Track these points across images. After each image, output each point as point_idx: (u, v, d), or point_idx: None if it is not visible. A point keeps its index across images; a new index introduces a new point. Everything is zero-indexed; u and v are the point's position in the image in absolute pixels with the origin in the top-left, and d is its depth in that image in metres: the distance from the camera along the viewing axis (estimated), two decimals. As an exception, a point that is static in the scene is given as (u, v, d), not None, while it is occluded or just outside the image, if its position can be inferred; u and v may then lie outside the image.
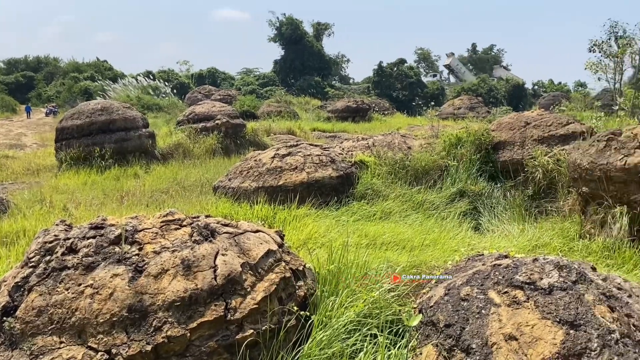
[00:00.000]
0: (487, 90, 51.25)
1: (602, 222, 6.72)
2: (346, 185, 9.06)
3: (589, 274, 3.04)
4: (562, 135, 9.32)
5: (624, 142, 6.77)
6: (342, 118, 28.75)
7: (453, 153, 10.10)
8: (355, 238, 6.42)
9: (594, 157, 6.88)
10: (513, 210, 8.44)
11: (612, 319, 2.65)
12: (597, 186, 6.77)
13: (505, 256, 3.64)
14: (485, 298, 3.03)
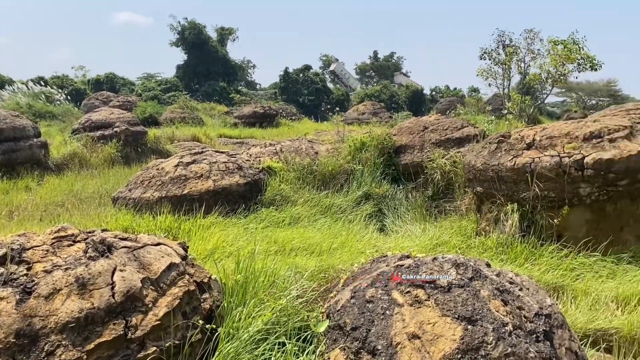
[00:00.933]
0: (389, 96, 53.09)
1: (495, 219, 7.16)
2: (254, 192, 8.98)
3: (484, 270, 3.20)
4: (457, 139, 9.86)
5: (512, 144, 7.26)
6: (249, 124, 28.52)
7: (358, 157, 10.34)
8: (264, 245, 6.36)
9: (486, 159, 7.32)
10: (415, 211, 8.80)
11: (505, 312, 2.80)
12: (490, 186, 7.20)
13: (408, 256, 3.75)
14: (389, 299, 3.09)
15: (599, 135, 6.85)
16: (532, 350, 2.62)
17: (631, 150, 6.53)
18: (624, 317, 4.68)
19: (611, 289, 5.29)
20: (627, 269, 5.90)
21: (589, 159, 6.44)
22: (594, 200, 6.55)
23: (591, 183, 6.45)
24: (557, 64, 14.50)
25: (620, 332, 4.45)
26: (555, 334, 2.87)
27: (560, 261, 5.98)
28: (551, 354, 2.69)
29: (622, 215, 6.82)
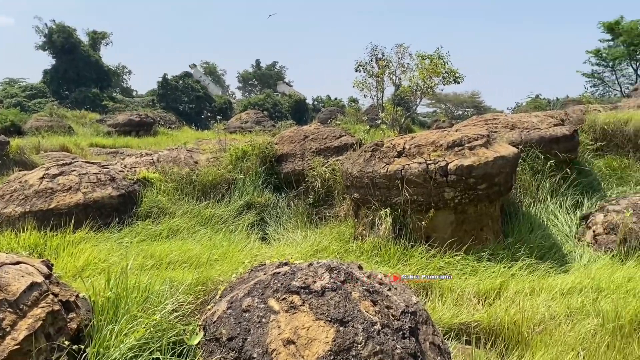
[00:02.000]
0: (272, 104, 53.53)
1: (371, 223, 7.50)
2: (129, 204, 8.57)
3: (356, 273, 3.34)
4: (336, 147, 10.19)
5: (385, 152, 7.65)
6: (124, 132, 27.19)
7: (240, 166, 10.28)
8: (140, 260, 6.09)
9: (362, 166, 7.64)
10: (296, 219, 8.94)
11: (374, 312, 2.94)
12: (366, 192, 7.52)
13: (285, 264, 3.80)
14: (265, 307, 3.12)
15: (460, 143, 7.45)
16: (398, 346, 2.78)
17: (488, 157, 7.18)
18: (484, 310, 5.12)
19: (473, 285, 5.75)
20: (487, 266, 6.46)
21: (452, 166, 6.98)
22: (457, 203, 7.10)
23: (454, 187, 6.98)
24: (424, 77, 15.62)
25: (480, 324, 4.86)
26: (421, 330, 3.07)
27: (428, 261, 6.40)
28: (416, 349, 2.87)
29: (482, 216, 7.47)
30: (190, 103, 52.77)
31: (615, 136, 11.68)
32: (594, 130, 11.93)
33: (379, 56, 16.71)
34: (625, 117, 11.92)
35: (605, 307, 5.00)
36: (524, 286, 5.61)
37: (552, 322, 4.81)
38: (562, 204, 8.80)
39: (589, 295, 5.41)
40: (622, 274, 5.89)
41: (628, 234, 7.00)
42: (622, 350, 4.33)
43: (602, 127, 11.84)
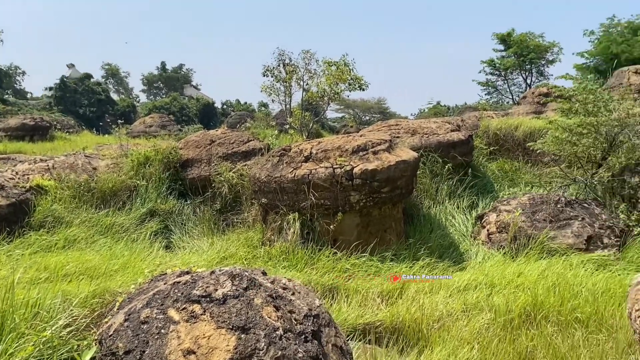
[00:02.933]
0: (179, 108, 52.06)
1: (279, 228, 7.51)
2: (20, 214, 7.97)
3: (259, 279, 3.32)
4: (244, 152, 10.11)
5: (293, 157, 7.70)
6: (16, 137, 25.24)
7: (142, 172, 9.90)
8: (32, 273, 5.68)
9: (270, 171, 7.63)
10: (203, 225, 8.76)
11: (277, 317, 2.94)
12: (274, 197, 7.52)
13: (187, 272, 3.70)
14: (165, 317, 3.02)
15: (365, 148, 7.66)
16: (300, 350, 2.80)
17: (391, 161, 7.44)
18: (387, 309, 5.29)
19: (377, 285, 5.93)
20: (390, 266, 6.69)
21: (357, 170, 7.16)
22: (362, 206, 7.29)
23: (360, 191, 7.16)
24: (331, 83, 15.91)
25: (384, 323, 5.01)
26: (323, 333, 3.11)
27: (335, 264, 6.51)
28: (318, 351, 2.90)
29: (385, 218, 7.73)
30: (90, 106, 50.04)
31: (506, 141, 12.55)
32: (488, 136, 12.75)
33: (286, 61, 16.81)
34: (515, 123, 12.85)
35: (498, 301, 5.34)
36: (424, 285, 5.86)
37: (449, 318, 5.06)
38: (459, 205, 9.30)
39: (484, 291, 5.75)
40: (512, 270, 6.31)
41: (518, 232, 7.51)
42: (512, 342, 4.64)
43: (494, 132, 12.68)
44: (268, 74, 16.95)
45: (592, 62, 25.90)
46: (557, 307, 5.14)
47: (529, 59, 30.14)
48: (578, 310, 5.10)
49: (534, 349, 4.52)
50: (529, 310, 5.11)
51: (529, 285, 5.64)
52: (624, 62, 21.86)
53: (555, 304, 5.19)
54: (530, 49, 29.85)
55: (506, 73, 32.25)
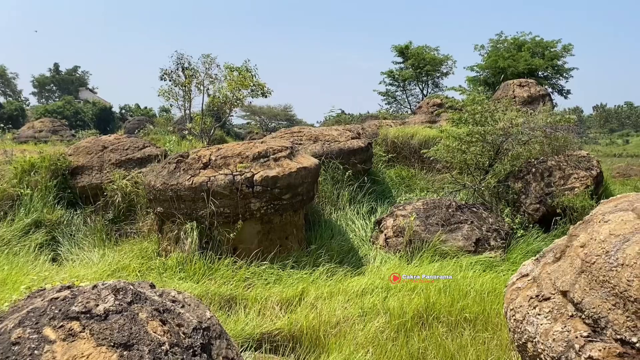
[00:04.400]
0: (73, 112, 49.08)
1: (176, 238, 7.24)
2: None
3: (146, 292, 3.15)
4: (139, 159, 9.67)
5: (190, 164, 7.47)
6: None
7: (27, 180, 9.16)
8: None
9: (166, 179, 7.35)
10: (94, 236, 8.24)
11: (163, 332, 2.80)
12: (170, 205, 7.24)
13: (68, 287, 3.43)
14: (39, 337, 2.76)
15: (266, 155, 7.61)
16: (188, 365, 2.67)
17: (292, 168, 7.45)
18: (286, 317, 5.25)
19: (277, 293, 5.87)
20: (291, 273, 6.66)
21: (258, 177, 7.08)
22: (263, 214, 7.22)
23: (260, 198, 7.09)
24: (233, 89, 15.70)
25: (282, 331, 4.97)
26: (214, 345, 3.00)
27: (234, 273, 6.38)
28: (208, 365, 2.79)
29: (287, 225, 7.71)
30: (-30, 109, 45.83)
31: (403, 148, 13.06)
32: (386, 143, 13.20)
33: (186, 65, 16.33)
34: (411, 132, 13.40)
35: (393, 304, 5.48)
36: (324, 290, 5.90)
37: (346, 323, 5.12)
38: (359, 210, 9.51)
39: (380, 294, 5.89)
40: (407, 273, 6.52)
41: (413, 236, 7.80)
42: (405, 343, 4.77)
43: (392, 140, 13.15)
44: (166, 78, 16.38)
45: (482, 75, 27.67)
46: (448, 307, 5.38)
47: (425, 71, 31.68)
48: (467, 310, 5.35)
49: (426, 350, 4.68)
50: (422, 312, 5.30)
51: (422, 288, 5.85)
52: (510, 75, 23.56)
53: (446, 305, 5.42)
54: (426, 61, 31.38)
55: (404, 84, 33.67)
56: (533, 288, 2.64)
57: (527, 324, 2.46)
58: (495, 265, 7.16)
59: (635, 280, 2.17)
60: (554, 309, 2.41)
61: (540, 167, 9.53)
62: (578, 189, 8.91)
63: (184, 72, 16.28)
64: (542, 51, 26.15)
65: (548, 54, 25.90)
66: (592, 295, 2.30)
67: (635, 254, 2.26)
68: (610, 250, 2.36)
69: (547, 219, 8.86)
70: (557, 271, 2.61)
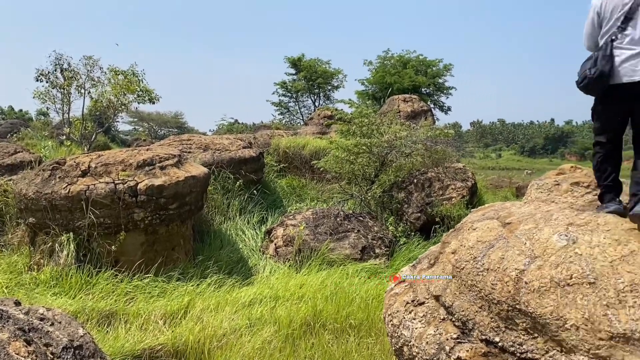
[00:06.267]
0: None
1: (50, 251, 6.72)
2: None
3: (9, 310, 2.89)
4: (9, 165, 8.89)
5: (67, 171, 6.99)
6: None
7: None
8: None
9: (39, 187, 6.81)
10: (-47, 251, 7.42)
11: (27, 352, 2.58)
12: (44, 216, 6.72)
13: None
14: None
15: (152, 162, 7.33)
16: (56, 387, 2.49)
17: (179, 177, 7.24)
18: (170, 331, 5.06)
19: (161, 306, 5.65)
20: (176, 286, 6.45)
21: (142, 185, 6.80)
22: (148, 224, 6.93)
23: (145, 208, 6.80)
24: (117, 93, 14.93)
25: (165, 346, 4.78)
26: (87, 364, 2.82)
27: (115, 287, 6.05)
28: (79, 386, 2.62)
29: (173, 236, 7.46)
30: None
31: (295, 159, 13.21)
32: (278, 153, 13.28)
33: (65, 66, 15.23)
34: (302, 142, 13.60)
35: (281, 314, 5.50)
36: (210, 302, 5.77)
37: (234, 335, 5.05)
38: (250, 220, 9.46)
39: (268, 304, 5.88)
40: (296, 282, 6.59)
41: (302, 245, 7.90)
42: (292, 353, 4.80)
43: (284, 150, 13.25)
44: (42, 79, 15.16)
45: (370, 89, 28.76)
46: (334, 315, 5.49)
47: (317, 83, 32.29)
48: (352, 316, 5.50)
49: (312, 358, 4.74)
50: (310, 320, 5.37)
51: (310, 296, 5.93)
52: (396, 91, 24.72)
53: (332, 312, 5.54)
54: (318, 74, 32.00)
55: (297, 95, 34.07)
56: (409, 293, 2.78)
57: (403, 328, 2.58)
58: (380, 272, 7.44)
59: (498, 283, 2.36)
60: (427, 313, 2.55)
61: (422, 178, 10.10)
62: (455, 198, 9.56)
63: (63, 74, 15.18)
64: (425, 69, 27.75)
65: (430, 72, 27.54)
66: (462, 299, 2.47)
67: (499, 259, 2.46)
68: (478, 256, 2.56)
69: (427, 227, 9.40)
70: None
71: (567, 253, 2.32)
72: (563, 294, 2.15)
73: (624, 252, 2.26)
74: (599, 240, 2.36)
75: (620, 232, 2.38)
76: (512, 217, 2.77)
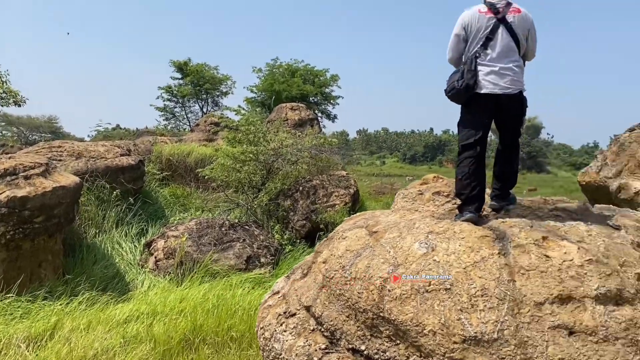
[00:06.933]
0: None
1: None
2: None
3: None
4: None
5: None
6: None
7: None
8: None
9: None
10: None
11: None
12: None
13: None
14: None
15: (14, 172, 6.73)
16: None
17: (46, 187, 6.70)
18: (33, 355, 4.64)
19: (24, 328, 5.17)
20: (43, 305, 5.94)
21: (3, 197, 6.21)
22: (9, 239, 6.33)
23: (6, 222, 6.22)
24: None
25: (26, 373, 4.37)
26: None
27: (-32, 310, 5.45)
28: None
29: (39, 251, 6.87)
30: None
31: (179, 167, 12.79)
32: (161, 161, 12.78)
33: None
34: (187, 150, 13.22)
35: (159, 330, 5.25)
36: (81, 322, 5.38)
37: (105, 356, 4.73)
38: (128, 232, 8.98)
39: (145, 321, 5.59)
40: (176, 296, 6.33)
41: (185, 257, 7.64)
42: (170, 369, 4.60)
43: (167, 157, 12.79)
44: None
45: (259, 97, 28.72)
46: (215, 328, 5.35)
47: (205, 89, 31.63)
48: (234, 329, 5.39)
49: (190, 374, 4.58)
50: (189, 336, 5.18)
51: (190, 310, 5.74)
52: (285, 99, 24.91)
53: (213, 326, 5.39)
54: (205, 79, 31.35)
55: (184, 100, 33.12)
56: (282, 305, 2.77)
57: (274, 341, 2.56)
58: (265, 282, 7.40)
59: (364, 292, 2.42)
60: (298, 324, 2.55)
61: (307, 185, 10.23)
62: (338, 205, 9.79)
63: None
64: (313, 78, 28.29)
65: (317, 81, 28.13)
66: (331, 308, 2.50)
67: (365, 267, 2.52)
68: (346, 265, 2.60)
69: (312, 234, 9.52)
70: (304, 287, 2.77)
71: (427, 260, 2.44)
72: (422, 301, 2.25)
73: (476, 259, 2.42)
74: (455, 247, 2.50)
75: (473, 240, 2.55)
76: (379, 225, 2.86)
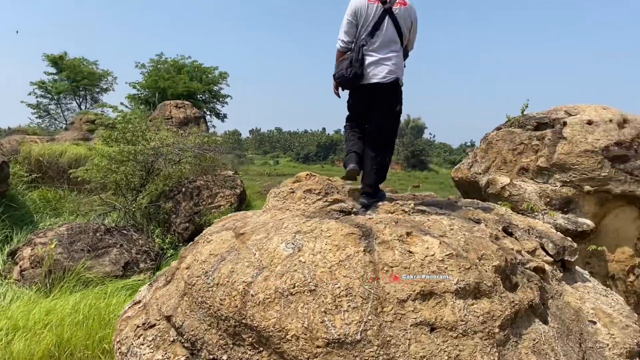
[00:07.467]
0: None
1: None
2: None
3: None
4: None
5: None
6: None
7: None
8: None
9: None
10: None
11: None
12: None
13: None
14: None
15: None
16: None
17: None
18: None
19: None
20: None
21: None
22: None
23: None
24: None
25: None
26: None
27: None
28: None
29: None
30: None
31: (50, 168, 11.86)
32: (30, 162, 11.77)
33: None
34: (60, 150, 12.30)
35: (19, 347, 4.80)
36: None
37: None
38: (-12, 241, 8.16)
39: (4, 338, 5.09)
40: (42, 308, 5.83)
41: (54, 265, 7.07)
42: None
43: (37, 158, 11.81)
44: None
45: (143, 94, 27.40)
46: (85, 341, 5.00)
47: (83, 84, 29.60)
48: (106, 340, 5.08)
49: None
50: (54, 351, 4.79)
51: (58, 323, 5.31)
52: (170, 96, 24.00)
53: (83, 338, 5.03)
54: (83, 74, 29.34)
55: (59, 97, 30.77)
56: (142, 316, 2.62)
57: (131, 355, 2.41)
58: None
59: (227, 298, 2.34)
60: (157, 336, 2.42)
61: (190, 186, 9.92)
62: (224, 206, 9.60)
63: None
64: (200, 76, 27.53)
65: (206, 79, 27.44)
66: (192, 317, 2.39)
67: (229, 272, 2.45)
68: (209, 270, 2.51)
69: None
70: (165, 295, 2.64)
71: (292, 262, 2.42)
72: (286, 304, 2.22)
73: (342, 257, 2.44)
74: (321, 246, 2.51)
75: (339, 238, 2.57)
76: (247, 227, 2.80)
